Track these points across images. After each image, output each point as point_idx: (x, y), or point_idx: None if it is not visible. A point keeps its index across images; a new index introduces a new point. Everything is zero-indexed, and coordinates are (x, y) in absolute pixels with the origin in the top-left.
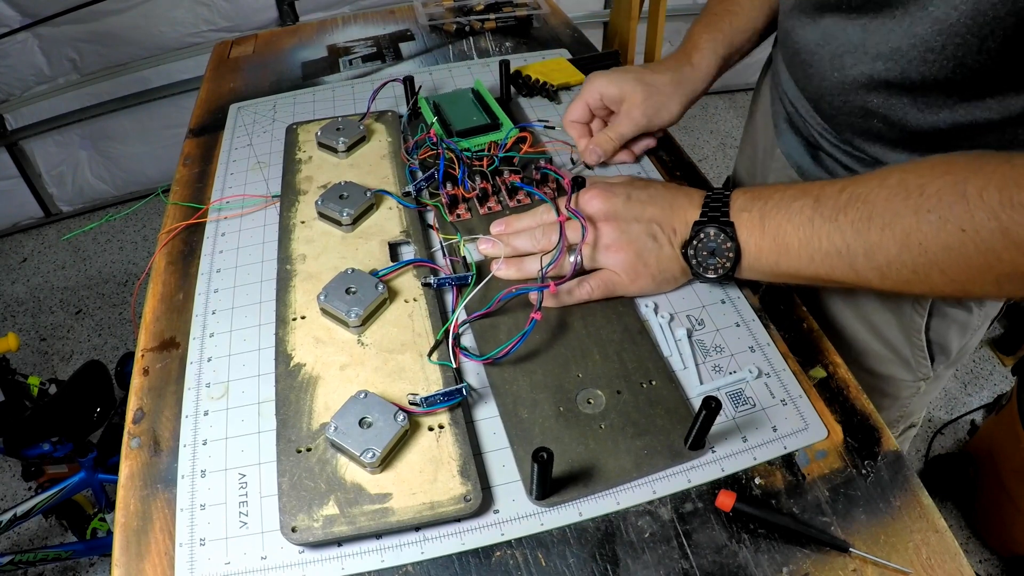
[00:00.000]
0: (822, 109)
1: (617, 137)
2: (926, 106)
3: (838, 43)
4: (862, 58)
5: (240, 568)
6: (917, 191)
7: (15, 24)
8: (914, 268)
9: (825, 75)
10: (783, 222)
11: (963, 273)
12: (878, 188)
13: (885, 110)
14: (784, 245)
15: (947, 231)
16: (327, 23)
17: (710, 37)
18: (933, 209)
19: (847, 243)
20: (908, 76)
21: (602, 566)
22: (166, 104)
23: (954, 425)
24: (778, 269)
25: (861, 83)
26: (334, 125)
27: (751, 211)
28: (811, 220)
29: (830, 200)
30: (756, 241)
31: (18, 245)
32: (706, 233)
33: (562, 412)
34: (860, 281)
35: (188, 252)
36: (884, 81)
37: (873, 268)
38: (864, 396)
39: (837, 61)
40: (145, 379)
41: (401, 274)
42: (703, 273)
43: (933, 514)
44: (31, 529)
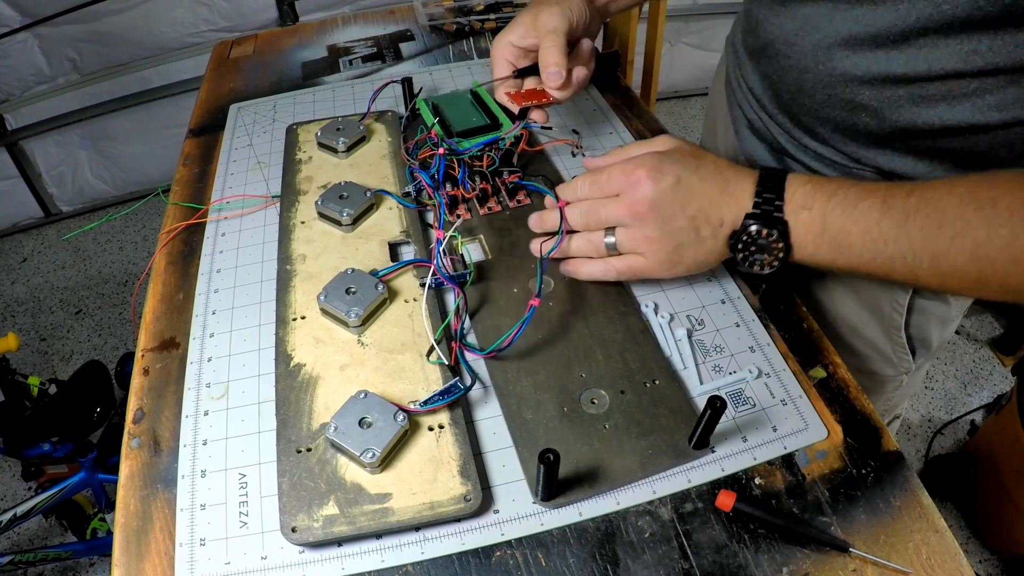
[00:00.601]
0: (800, 103)
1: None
2: (925, 100)
3: (823, 34)
4: (855, 49)
5: (240, 568)
6: (989, 203)
7: (15, 24)
8: (978, 278)
9: (807, 67)
10: (848, 223)
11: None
12: (947, 195)
13: (878, 103)
14: (846, 245)
15: (1017, 247)
16: (327, 23)
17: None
18: (1005, 224)
19: (914, 250)
20: (913, 67)
21: (602, 566)
22: (166, 104)
23: (954, 425)
24: (833, 265)
25: (854, 75)
26: (334, 125)
27: (812, 209)
28: (879, 223)
29: (899, 203)
30: (814, 239)
31: (18, 245)
32: (759, 231)
33: (566, 412)
34: (916, 282)
35: (188, 252)
36: (882, 73)
37: (935, 274)
38: (864, 396)
39: (823, 53)
40: (145, 379)
41: (401, 274)
42: (749, 268)
43: (933, 514)
44: (31, 529)
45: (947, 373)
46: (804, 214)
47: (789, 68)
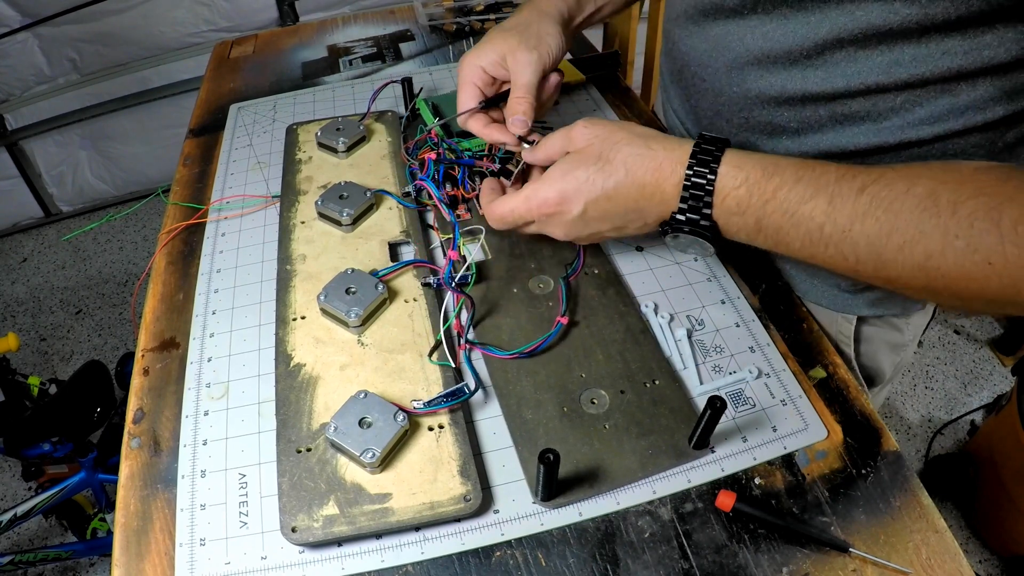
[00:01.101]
0: (719, 128)
1: (524, 90)
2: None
3: (735, 53)
4: (769, 67)
5: (240, 568)
6: (948, 209)
7: (15, 24)
8: (926, 286)
9: (722, 90)
10: (785, 226)
11: (976, 300)
12: (904, 196)
13: (797, 124)
14: (784, 245)
15: (973, 261)
16: (327, 23)
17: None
18: (961, 235)
19: (857, 256)
20: (831, 84)
21: (602, 566)
22: (166, 104)
23: (954, 425)
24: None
25: (769, 96)
26: (334, 125)
27: (745, 214)
28: (821, 228)
29: (847, 204)
30: (748, 237)
31: (18, 245)
32: (685, 235)
33: (566, 412)
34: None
35: (188, 252)
36: (800, 91)
37: (879, 278)
38: (864, 396)
39: (737, 74)
40: (145, 379)
41: (401, 274)
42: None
43: (933, 514)
44: (31, 529)
45: (947, 373)
46: (735, 219)
47: (705, 91)
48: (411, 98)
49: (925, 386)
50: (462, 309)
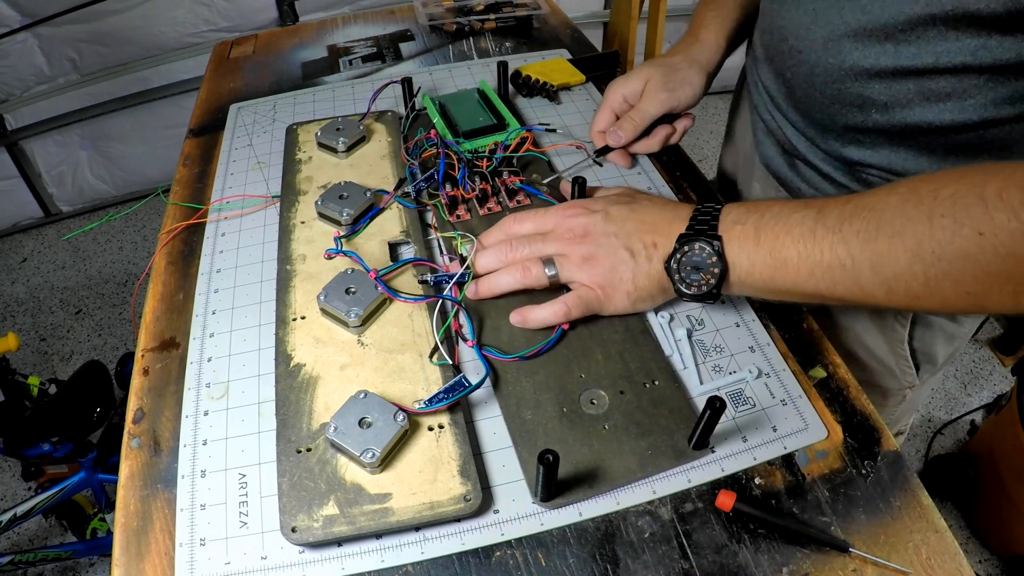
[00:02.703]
0: (813, 99)
1: (640, 117)
2: (935, 95)
3: (833, 26)
4: (864, 41)
5: (240, 568)
6: (930, 196)
7: (15, 24)
8: (925, 280)
9: (818, 62)
10: (781, 234)
11: (979, 283)
12: (887, 196)
13: (887, 98)
14: (782, 259)
15: (963, 236)
16: (327, 23)
17: (715, 14)
18: (947, 213)
19: (852, 255)
20: (920, 59)
21: (602, 566)
22: (166, 104)
23: (954, 425)
24: (773, 284)
25: (863, 68)
26: (334, 125)
27: (745, 223)
28: (812, 231)
29: (834, 211)
30: (749, 255)
31: (18, 245)
32: (691, 247)
33: (566, 413)
34: (864, 297)
35: (188, 252)
36: (891, 66)
37: (880, 282)
38: (864, 396)
39: (833, 46)
40: (145, 379)
41: (400, 274)
42: (685, 290)
43: (933, 514)
44: (31, 529)
45: (947, 373)
46: (737, 228)
47: (801, 63)
48: (411, 98)
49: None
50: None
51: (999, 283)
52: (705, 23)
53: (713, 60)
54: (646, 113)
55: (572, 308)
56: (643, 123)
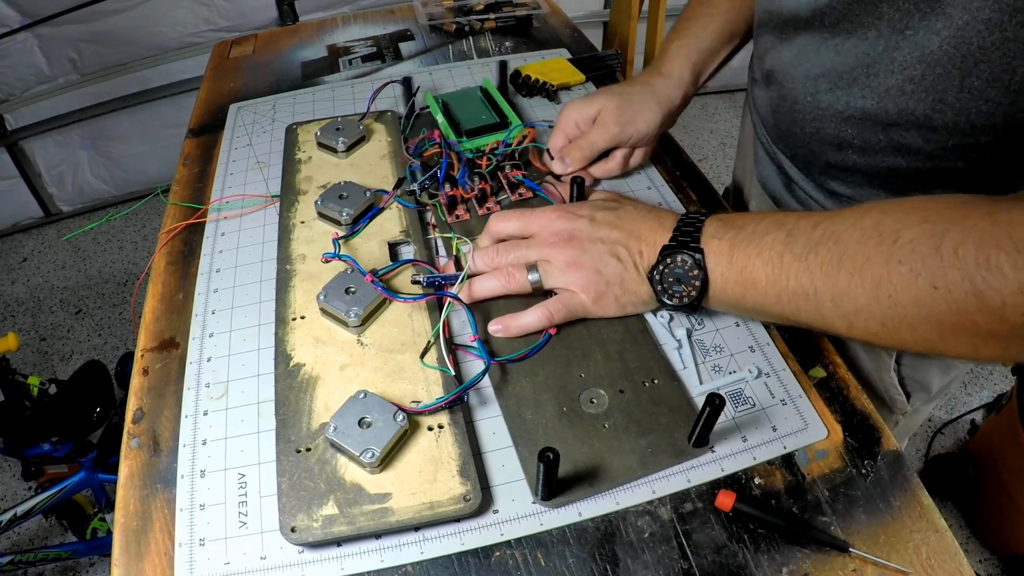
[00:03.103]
0: (795, 135)
1: (587, 146)
2: (902, 144)
3: (811, 64)
4: (837, 82)
5: (240, 568)
6: (891, 237)
7: (15, 24)
8: (883, 320)
9: (798, 99)
10: (752, 255)
11: (934, 332)
12: (852, 229)
13: (860, 142)
14: (751, 279)
15: (918, 285)
16: (327, 23)
17: (681, 44)
18: (905, 260)
19: (815, 286)
20: (885, 108)
21: (601, 566)
22: (166, 104)
23: (954, 425)
24: (743, 303)
25: (836, 110)
26: (334, 125)
27: (721, 239)
28: (780, 256)
29: (803, 236)
30: (723, 271)
31: (18, 245)
32: (673, 259)
33: (565, 412)
34: (827, 327)
35: (188, 252)
36: (860, 110)
37: (840, 315)
38: (864, 396)
39: (811, 84)
40: (145, 379)
41: (399, 273)
42: (667, 300)
43: (933, 514)
44: (31, 529)
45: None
46: (715, 243)
47: (785, 97)
48: (411, 98)
49: None
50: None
51: (954, 334)
52: (670, 54)
53: (674, 97)
54: (594, 145)
55: (554, 314)
56: (591, 154)
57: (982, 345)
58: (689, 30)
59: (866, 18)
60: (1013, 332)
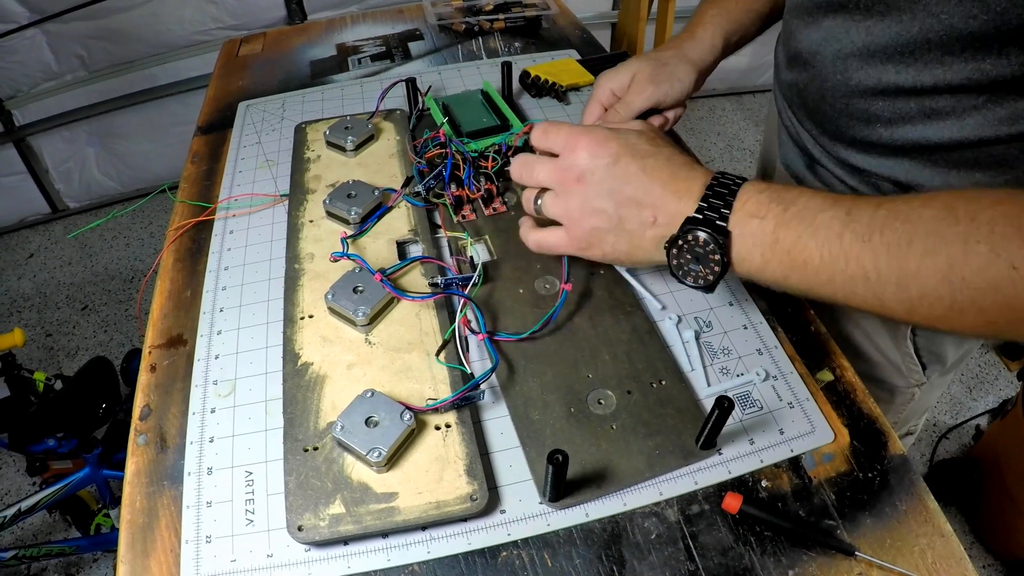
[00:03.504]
0: (823, 112)
1: (625, 109)
2: (933, 110)
3: (841, 44)
4: (868, 60)
5: (246, 566)
6: (968, 217)
7: (23, 20)
8: (951, 304)
9: (827, 77)
10: (804, 234)
11: (1003, 315)
12: (921, 208)
13: (890, 115)
14: (801, 260)
15: (996, 266)
16: (336, 22)
17: (715, 13)
18: (984, 240)
19: (878, 268)
20: (920, 80)
21: (608, 567)
22: (174, 101)
23: (959, 430)
24: (786, 283)
25: (867, 86)
26: (343, 124)
27: (764, 218)
28: (840, 236)
29: (865, 215)
30: (763, 253)
31: (25, 241)
32: (695, 236)
33: (573, 413)
34: (883, 310)
35: (196, 249)
36: (893, 85)
37: (903, 300)
38: (871, 400)
39: (840, 63)
40: (152, 376)
41: (408, 272)
42: (681, 278)
43: (939, 518)
44: (35, 524)
45: (952, 378)
46: (754, 223)
47: (814, 77)
48: (415, 99)
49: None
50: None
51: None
52: (703, 21)
53: (706, 59)
54: (632, 106)
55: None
56: (629, 116)
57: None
58: (722, 3)
59: (901, 2)
60: None
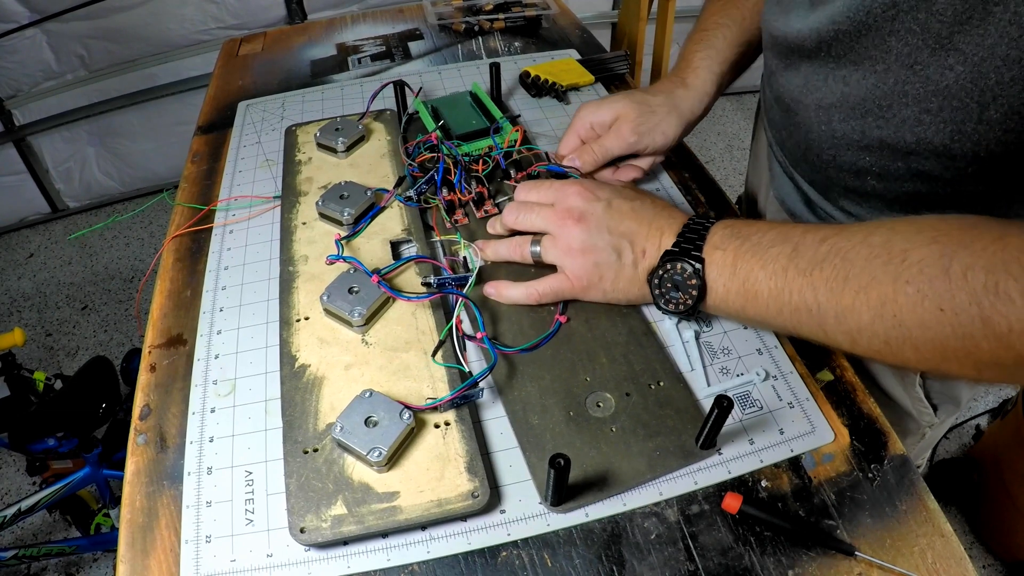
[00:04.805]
0: (810, 161)
1: (601, 151)
2: (921, 171)
3: (821, 94)
4: (850, 112)
5: (246, 565)
6: (900, 256)
7: (24, 20)
8: (886, 339)
9: (811, 127)
10: (756, 267)
11: (937, 354)
12: (860, 246)
13: (879, 169)
14: (753, 292)
15: (924, 307)
16: (336, 21)
17: (704, 55)
18: (912, 281)
19: (819, 302)
20: (902, 137)
21: (608, 567)
22: (174, 101)
23: (959, 430)
24: (744, 314)
25: (852, 139)
26: (333, 125)
27: (725, 250)
28: (785, 270)
29: (808, 252)
30: (725, 282)
31: (25, 240)
32: (674, 266)
33: (572, 417)
34: (829, 342)
35: (196, 249)
36: (877, 139)
37: (843, 332)
38: (871, 400)
39: (823, 113)
40: (152, 376)
41: (403, 271)
42: (663, 305)
43: (939, 518)
44: (35, 524)
45: None
46: (718, 255)
47: (798, 125)
48: (405, 101)
49: None
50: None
51: (957, 358)
52: (693, 64)
53: (696, 111)
54: (609, 151)
55: (542, 295)
56: (603, 159)
57: (985, 369)
58: (711, 42)
59: (873, 51)
60: (1018, 360)
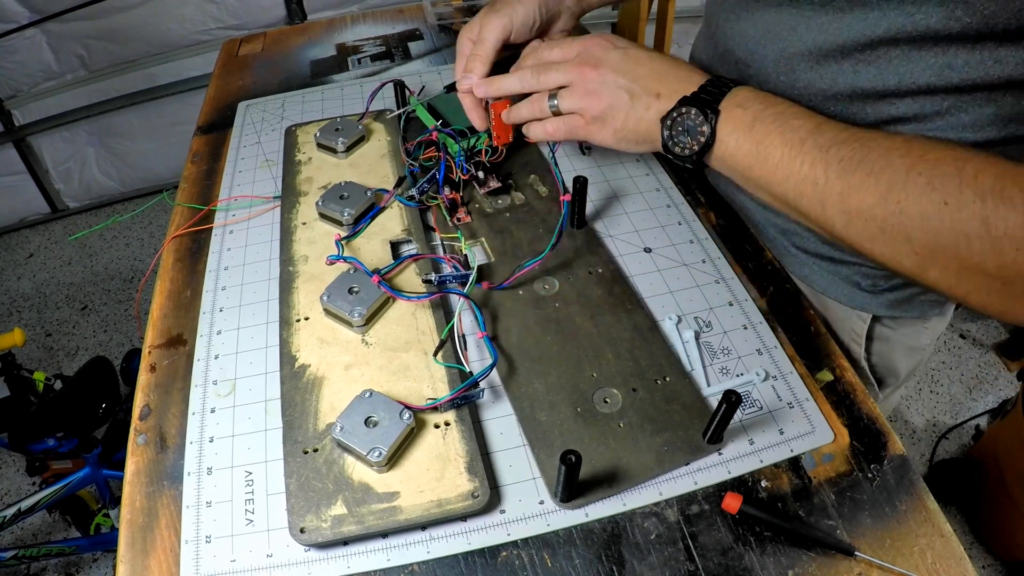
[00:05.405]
0: None
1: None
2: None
3: (786, 43)
4: (820, 60)
5: (246, 566)
6: (917, 152)
7: (24, 20)
8: (883, 226)
9: (768, 79)
10: (774, 132)
11: (928, 249)
12: (882, 137)
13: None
14: (764, 155)
15: (930, 198)
16: (336, 22)
17: None
18: (924, 172)
19: (828, 177)
20: (882, 81)
21: (608, 567)
22: (174, 101)
23: (959, 430)
24: (749, 174)
25: (818, 88)
26: (333, 126)
27: (747, 109)
28: (803, 142)
29: (830, 132)
30: (738, 139)
31: (24, 241)
32: (688, 111)
33: (580, 413)
34: (823, 220)
35: (196, 249)
36: (849, 87)
37: (843, 211)
38: (871, 400)
39: (785, 64)
40: (152, 376)
41: (402, 271)
42: (671, 147)
43: (939, 518)
44: (35, 524)
45: (952, 378)
46: (737, 111)
47: (749, 79)
48: (404, 101)
49: (930, 390)
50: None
51: (945, 257)
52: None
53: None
54: (485, 41)
55: (555, 132)
56: (486, 53)
57: (966, 276)
58: None
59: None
60: (1000, 267)
